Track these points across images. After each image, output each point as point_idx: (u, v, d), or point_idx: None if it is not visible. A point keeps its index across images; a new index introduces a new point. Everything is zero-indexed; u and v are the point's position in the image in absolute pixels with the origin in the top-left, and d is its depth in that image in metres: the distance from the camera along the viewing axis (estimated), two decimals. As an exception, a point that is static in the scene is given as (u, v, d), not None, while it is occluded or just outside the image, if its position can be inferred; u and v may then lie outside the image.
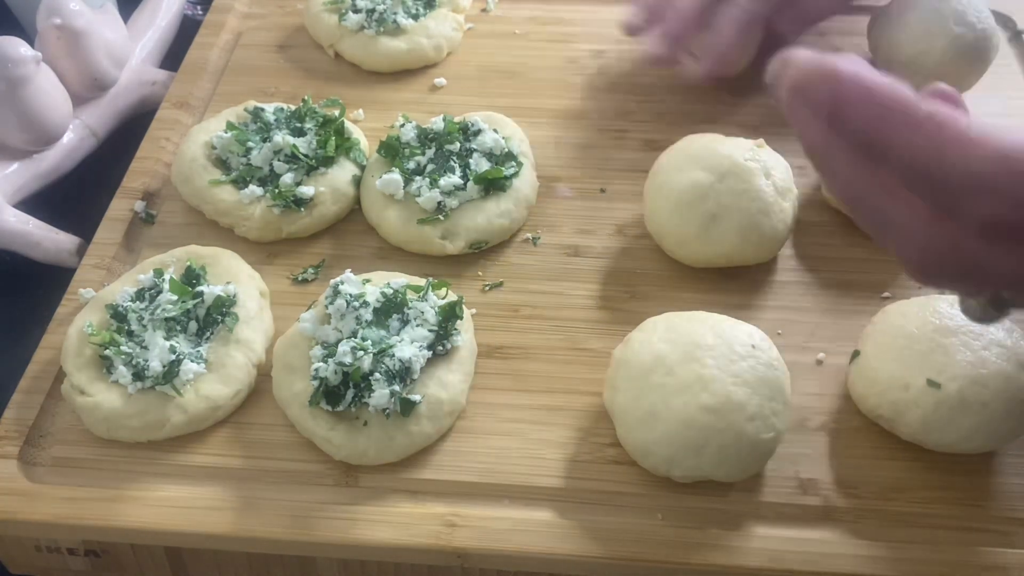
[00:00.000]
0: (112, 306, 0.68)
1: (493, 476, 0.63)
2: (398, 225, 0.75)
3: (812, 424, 0.66)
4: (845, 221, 0.78)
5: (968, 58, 0.86)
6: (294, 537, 0.60)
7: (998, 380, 0.60)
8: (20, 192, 0.85)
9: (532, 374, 0.68)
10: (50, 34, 0.86)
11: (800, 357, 0.69)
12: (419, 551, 0.60)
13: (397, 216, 0.75)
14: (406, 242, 0.75)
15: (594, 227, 0.78)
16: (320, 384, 0.63)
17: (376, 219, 0.77)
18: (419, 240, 0.74)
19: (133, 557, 0.63)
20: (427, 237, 0.74)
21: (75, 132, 0.89)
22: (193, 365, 0.65)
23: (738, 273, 0.75)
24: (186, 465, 0.63)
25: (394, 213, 0.75)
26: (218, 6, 1.00)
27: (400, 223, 0.75)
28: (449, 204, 0.74)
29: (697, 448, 0.59)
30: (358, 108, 0.88)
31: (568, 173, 0.83)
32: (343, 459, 0.63)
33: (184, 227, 0.79)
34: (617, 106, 0.89)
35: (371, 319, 0.66)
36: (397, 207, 0.75)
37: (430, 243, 0.74)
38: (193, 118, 0.88)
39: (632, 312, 0.72)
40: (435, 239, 0.74)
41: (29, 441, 0.65)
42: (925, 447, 0.63)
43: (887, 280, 0.74)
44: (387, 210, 0.76)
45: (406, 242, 0.75)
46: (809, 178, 0.82)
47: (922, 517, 0.61)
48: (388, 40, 0.91)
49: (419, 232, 0.74)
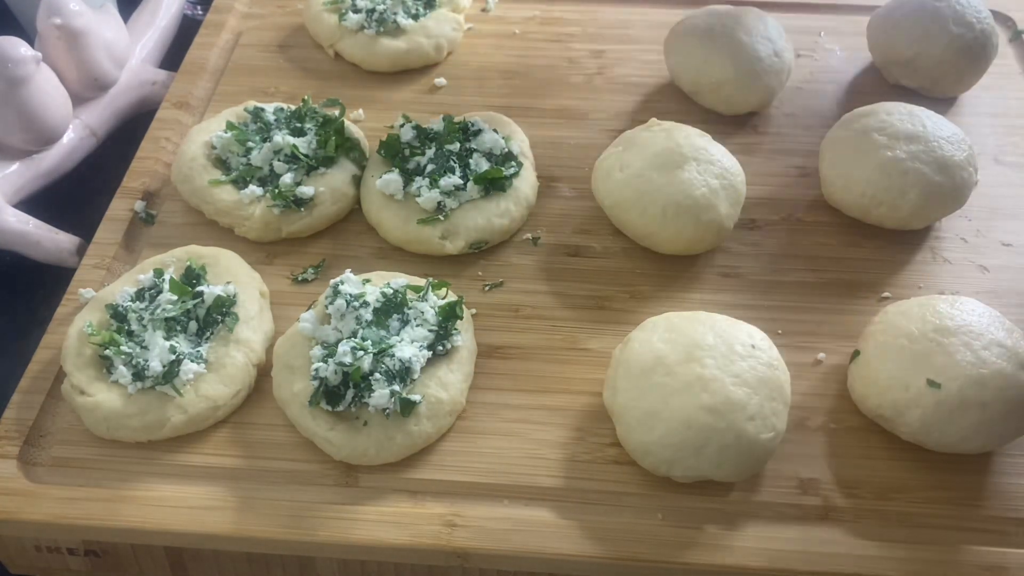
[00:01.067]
0: (112, 306, 0.68)
1: (493, 476, 0.63)
2: (398, 225, 0.75)
3: (812, 424, 0.66)
4: (845, 221, 0.78)
5: (967, 58, 0.86)
6: (294, 537, 0.60)
7: (998, 380, 0.60)
8: (20, 192, 0.85)
9: (532, 374, 0.68)
10: (50, 34, 0.86)
11: (800, 357, 0.69)
12: (419, 551, 0.60)
13: (397, 216, 0.75)
14: (406, 242, 0.75)
15: (594, 227, 0.78)
16: (320, 384, 0.63)
17: (376, 219, 0.77)
18: (419, 240, 0.74)
19: (133, 557, 0.63)
20: (427, 237, 0.74)
21: (75, 132, 0.89)
22: (193, 365, 0.65)
23: (738, 273, 0.75)
24: (186, 465, 0.63)
25: (394, 213, 0.75)
26: (218, 6, 1.00)
27: (400, 223, 0.75)
28: (449, 204, 0.74)
29: (697, 448, 0.59)
30: (358, 108, 0.88)
31: (568, 173, 0.83)
32: (343, 459, 0.63)
33: (184, 227, 0.79)
34: (617, 106, 0.90)
35: (371, 319, 0.66)
36: (397, 207, 0.75)
37: (430, 243, 0.74)
38: (193, 118, 0.88)
39: (632, 312, 0.72)
40: (435, 239, 0.74)
41: (29, 441, 0.65)
42: (925, 447, 0.63)
43: (887, 280, 0.74)
44: (386, 210, 0.76)
45: (406, 242, 0.75)
46: (810, 178, 0.82)
47: (922, 517, 0.61)
48: (388, 40, 0.91)
49: (419, 232, 0.74)
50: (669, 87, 0.91)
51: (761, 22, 0.86)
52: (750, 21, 0.85)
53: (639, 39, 0.96)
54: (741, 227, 0.78)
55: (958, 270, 0.75)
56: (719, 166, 0.73)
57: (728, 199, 0.73)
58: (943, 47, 0.85)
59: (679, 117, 0.81)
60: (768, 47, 0.84)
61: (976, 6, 0.86)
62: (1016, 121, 0.88)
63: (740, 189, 0.74)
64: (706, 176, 0.72)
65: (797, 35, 0.94)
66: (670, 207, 0.71)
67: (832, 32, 0.97)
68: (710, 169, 0.73)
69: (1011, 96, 0.90)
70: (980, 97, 0.90)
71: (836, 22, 0.98)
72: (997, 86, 0.91)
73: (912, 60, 0.87)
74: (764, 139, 0.86)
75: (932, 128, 0.75)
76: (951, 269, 0.75)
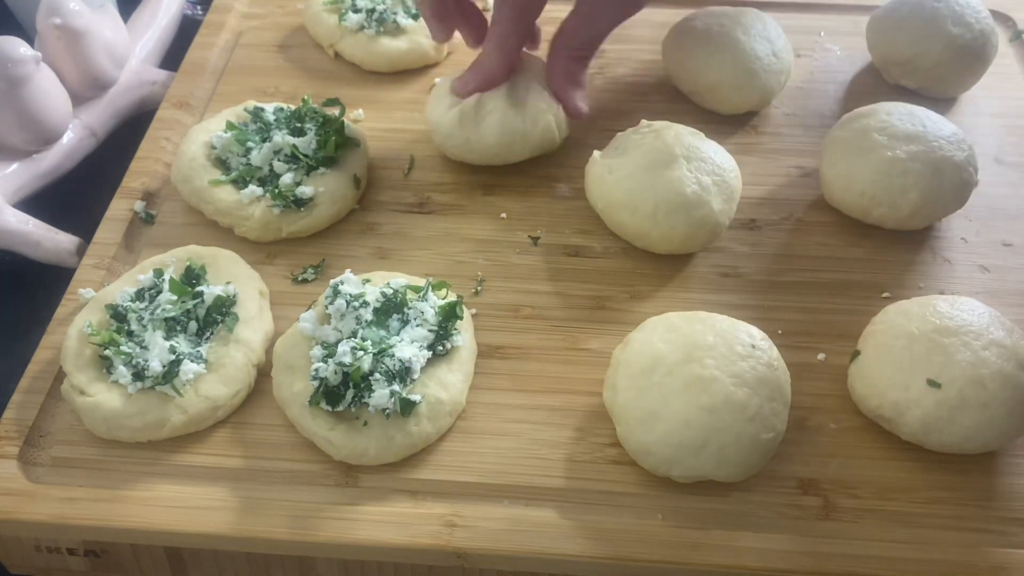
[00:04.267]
0: (112, 306, 0.68)
1: (493, 476, 0.63)
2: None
3: (812, 424, 0.66)
4: (845, 221, 0.78)
5: (966, 58, 0.86)
6: (294, 537, 0.60)
7: (998, 380, 0.60)
8: (20, 192, 0.85)
9: (532, 374, 0.68)
10: (50, 34, 0.86)
11: (800, 357, 0.69)
12: (419, 551, 0.60)
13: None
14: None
15: (593, 227, 0.78)
16: (320, 384, 0.63)
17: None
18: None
19: (133, 557, 0.63)
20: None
21: (75, 132, 0.89)
22: (193, 365, 0.65)
23: (738, 273, 0.75)
24: (186, 465, 0.63)
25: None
26: (218, 6, 1.00)
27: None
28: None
29: (697, 448, 0.59)
30: (358, 108, 0.88)
31: (568, 173, 0.83)
32: (343, 459, 0.63)
33: (184, 227, 0.79)
34: (616, 106, 0.89)
35: (371, 319, 0.66)
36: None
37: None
38: (193, 118, 0.88)
39: (632, 312, 0.72)
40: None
41: (29, 441, 0.65)
42: (925, 447, 0.63)
43: (887, 280, 0.74)
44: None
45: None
46: (810, 178, 0.82)
47: (922, 517, 0.61)
48: (388, 40, 0.91)
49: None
50: (668, 87, 0.91)
51: (760, 22, 0.86)
52: (749, 21, 0.85)
53: (638, 39, 0.96)
54: (741, 227, 0.78)
55: (958, 270, 0.75)
56: (711, 163, 0.73)
57: (721, 195, 0.73)
58: (942, 47, 0.85)
59: (678, 117, 0.81)
60: (767, 47, 0.84)
61: (975, 6, 0.86)
62: (1016, 121, 0.88)
63: (734, 185, 0.74)
64: (697, 173, 0.72)
65: (797, 35, 0.94)
66: (661, 205, 0.71)
67: (832, 32, 0.97)
68: (701, 166, 0.73)
69: (1011, 96, 0.90)
70: (980, 97, 0.90)
71: (836, 22, 0.98)
72: (997, 86, 0.91)
73: (911, 61, 0.87)
74: (764, 139, 0.86)
75: (932, 128, 0.75)
76: (951, 269, 0.75)
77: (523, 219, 0.79)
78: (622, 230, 0.75)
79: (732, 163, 0.75)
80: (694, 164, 0.72)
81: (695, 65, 0.85)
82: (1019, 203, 0.80)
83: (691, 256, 0.76)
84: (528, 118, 0.78)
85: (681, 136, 0.74)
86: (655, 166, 0.72)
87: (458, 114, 0.79)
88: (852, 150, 0.76)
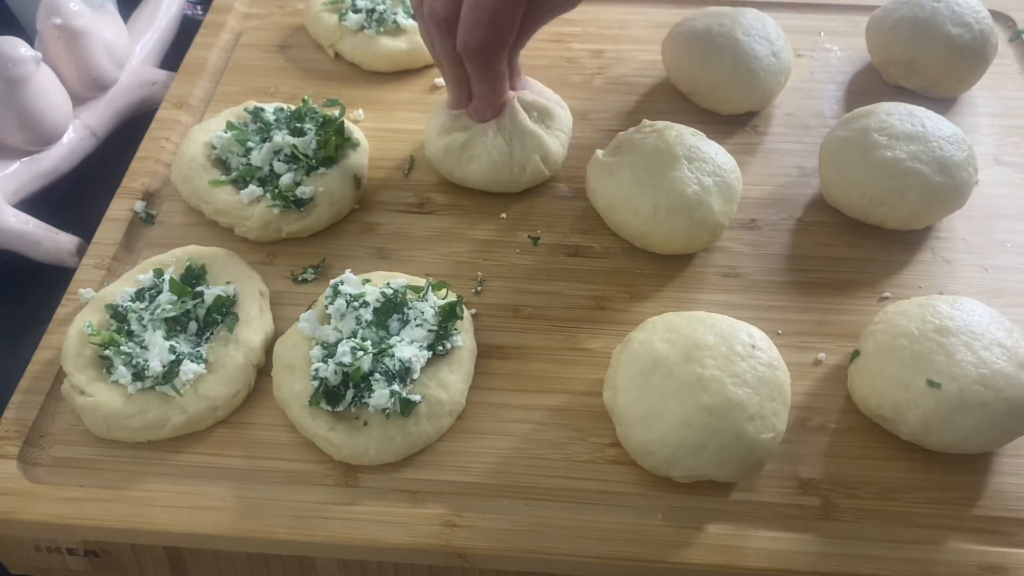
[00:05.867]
0: (112, 306, 0.68)
1: (493, 476, 0.63)
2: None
3: (812, 424, 0.66)
4: (845, 221, 0.78)
5: (966, 59, 0.86)
6: (294, 537, 0.60)
7: (998, 380, 0.60)
8: (20, 192, 0.85)
9: (532, 374, 0.68)
10: (50, 34, 0.86)
11: (800, 357, 0.69)
12: (419, 551, 0.60)
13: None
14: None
15: (593, 227, 0.78)
16: (320, 384, 0.63)
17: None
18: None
19: (133, 557, 0.63)
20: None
21: (75, 132, 0.89)
22: (193, 365, 0.65)
23: (738, 273, 0.75)
24: (186, 465, 0.63)
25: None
26: (218, 6, 1.00)
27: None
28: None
29: (697, 448, 0.59)
30: (358, 108, 0.88)
31: (568, 173, 0.83)
32: (343, 459, 0.63)
33: (184, 227, 0.79)
34: (616, 106, 0.90)
35: (371, 319, 0.66)
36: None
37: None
38: (193, 118, 0.88)
39: (632, 312, 0.72)
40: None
41: (29, 441, 0.65)
42: (925, 447, 0.63)
43: (887, 280, 0.74)
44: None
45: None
46: (810, 178, 0.82)
47: (922, 517, 0.61)
48: (388, 40, 0.91)
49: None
50: (668, 87, 0.91)
51: (759, 22, 0.86)
52: (748, 21, 0.85)
53: (638, 39, 0.96)
54: (741, 227, 0.78)
55: (958, 270, 0.75)
56: (712, 163, 0.73)
57: (722, 196, 0.73)
58: (941, 48, 0.85)
59: (678, 117, 0.81)
60: (766, 47, 0.84)
61: (974, 6, 0.86)
62: (1016, 121, 0.88)
63: (735, 185, 0.74)
64: (698, 174, 0.72)
65: (797, 35, 0.94)
66: (661, 206, 0.71)
67: (832, 32, 0.97)
68: (702, 167, 0.73)
69: (1011, 96, 0.90)
70: (980, 97, 0.90)
71: (836, 22, 0.99)
72: (997, 86, 0.91)
73: (911, 61, 0.87)
74: (763, 139, 0.86)
75: (932, 128, 0.75)
76: (951, 269, 0.75)
77: (523, 219, 0.79)
78: (622, 230, 0.75)
79: (733, 164, 0.75)
80: (695, 165, 0.72)
81: (695, 65, 0.85)
82: (1019, 203, 0.80)
83: (691, 256, 0.76)
84: (516, 164, 0.78)
85: (682, 136, 0.74)
86: (656, 166, 0.72)
87: (443, 150, 0.78)
88: (852, 150, 0.76)
